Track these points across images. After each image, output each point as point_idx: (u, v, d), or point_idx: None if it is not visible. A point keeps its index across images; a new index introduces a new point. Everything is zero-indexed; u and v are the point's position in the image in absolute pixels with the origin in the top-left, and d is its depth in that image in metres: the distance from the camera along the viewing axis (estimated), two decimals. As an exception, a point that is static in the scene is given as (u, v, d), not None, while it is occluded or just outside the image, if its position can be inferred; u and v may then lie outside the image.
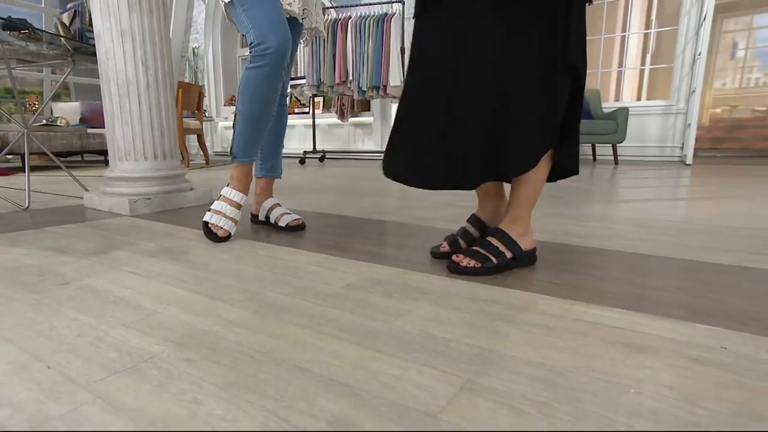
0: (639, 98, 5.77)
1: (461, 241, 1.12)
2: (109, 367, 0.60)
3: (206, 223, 1.27)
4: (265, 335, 0.70)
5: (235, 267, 1.05)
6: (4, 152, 2.32)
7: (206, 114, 6.46)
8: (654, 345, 0.66)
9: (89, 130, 4.40)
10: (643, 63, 5.82)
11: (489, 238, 1.03)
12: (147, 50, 1.74)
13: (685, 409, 0.50)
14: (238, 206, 1.32)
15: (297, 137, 6.13)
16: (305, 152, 4.69)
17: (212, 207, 1.30)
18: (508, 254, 1.01)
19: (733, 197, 2.17)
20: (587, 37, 1.01)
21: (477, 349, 0.65)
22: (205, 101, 6.70)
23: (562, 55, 0.94)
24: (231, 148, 1.33)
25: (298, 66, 6.87)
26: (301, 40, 1.52)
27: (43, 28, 1.94)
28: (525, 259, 1.05)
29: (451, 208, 1.89)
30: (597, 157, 5.10)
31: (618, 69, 5.90)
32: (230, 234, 1.30)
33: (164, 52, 1.80)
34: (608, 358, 0.62)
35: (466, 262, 0.99)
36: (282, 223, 1.43)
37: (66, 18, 1.93)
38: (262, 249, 1.22)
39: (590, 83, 5.46)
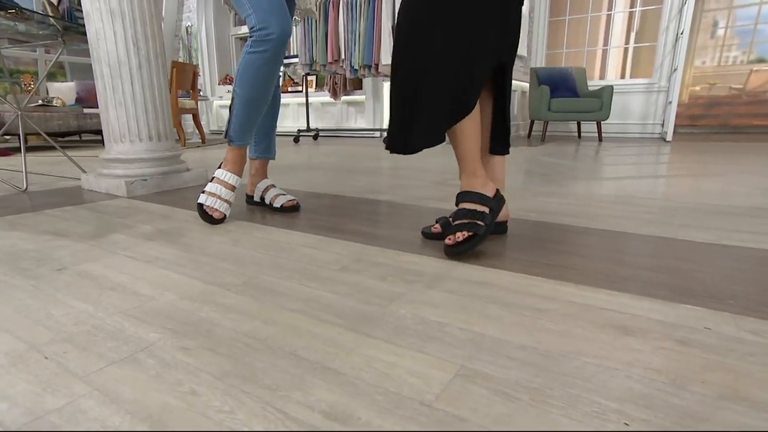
0: (623, 76, 5.70)
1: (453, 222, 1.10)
2: (106, 356, 0.58)
3: (201, 206, 1.24)
4: (261, 321, 0.68)
5: (231, 250, 1.02)
6: (0, 132, 2.24)
7: (201, 93, 6.30)
8: (642, 327, 0.65)
9: (85, 110, 4.27)
10: (627, 41, 5.73)
11: (460, 206, 1.00)
12: (138, 30, 1.66)
13: (672, 393, 0.49)
14: (233, 188, 1.28)
15: (291, 116, 6.01)
16: (299, 131, 4.60)
17: (206, 189, 1.26)
18: (485, 209, 0.99)
19: (711, 174, 2.16)
20: (574, 16, 1.01)
21: (470, 334, 0.63)
22: (200, 80, 6.52)
23: (496, 55, 0.99)
24: (227, 130, 1.28)
25: (291, 44, 6.68)
26: (294, 19, 1.45)
27: (33, 8, 1.83)
28: (499, 205, 1.04)
29: (443, 187, 1.86)
30: (582, 134, 5.07)
31: (603, 47, 5.82)
32: (225, 216, 1.27)
33: (155, 31, 1.72)
34: (598, 342, 0.61)
35: (458, 237, 0.95)
36: (277, 204, 1.40)
37: (54, -4, 1.82)
38: (258, 231, 1.19)
39: (576, 61, 5.38)
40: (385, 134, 3.14)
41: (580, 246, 1.04)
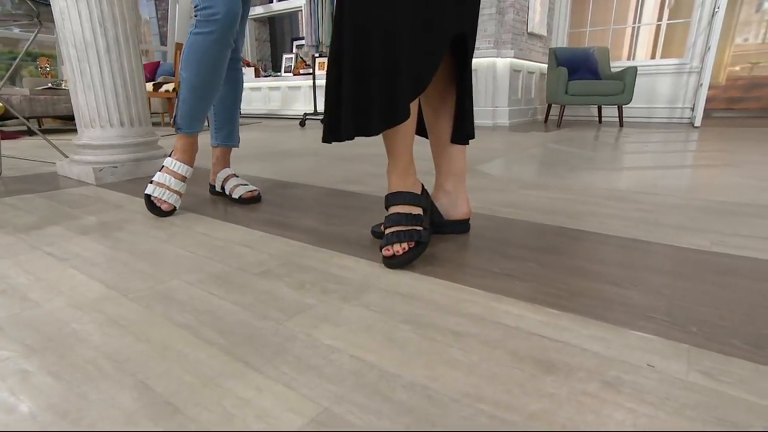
0: (653, 56, 5.34)
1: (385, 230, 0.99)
2: (-64, 378, 0.51)
3: (148, 197, 1.17)
4: (134, 337, 0.60)
5: (159, 248, 0.95)
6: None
7: None
8: (570, 362, 0.54)
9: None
10: (660, 18, 5.35)
11: (391, 210, 0.89)
12: (104, 9, 1.59)
13: (569, 462, 0.39)
14: (183, 179, 1.21)
15: (302, 99, 5.92)
16: (305, 114, 4.51)
17: (155, 179, 1.19)
18: (420, 211, 0.88)
19: (731, 165, 1.96)
20: None
21: (359, 364, 0.54)
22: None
23: (455, 22, 0.86)
24: (174, 117, 1.20)
25: (299, 25, 6.55)
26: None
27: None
28: (428, 200, 0.93)
29: (427, 177, 1.74)
30: (603, 119, 4.80)
31: (633, 25, 5.45)
32: (175, 208, 1.20)
33: (124, 12, 1.64)
34: (507, 382, 0.50)
35: (396, 249, 0.84)
36: (235, 195, 1.32)
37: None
38: (201, 225, 1.11)
39: (601, 41, 5.06)
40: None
41: (544, 251, 0.92)
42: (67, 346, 0.58)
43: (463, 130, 0.98)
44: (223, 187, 1.37)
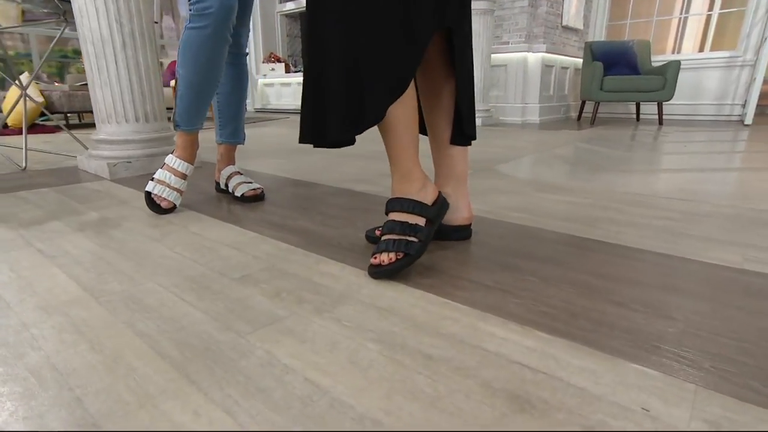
0: (701, 49, 5.00)
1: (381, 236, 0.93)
2: None
3: (149, 194, 1.16)
4: (89, 346, 0.57)
5: (148, 247, 0.94)
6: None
7: None
8: (549, 399, 0.47)
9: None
10: (711, 7, 5.00)
11: (389, 216, 0.83)
12: (120, 6, 1.60)
13: None
14: (183, 176, 1.19)
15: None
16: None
17: (155, 176, 1.18)
18: (421, 221, 0.82)
19: (780, 168, 1.78)
20: None
21: (312, 389, 0.49)
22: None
23: (437, 16, 0.78)
24: (173, 114, 1.19)
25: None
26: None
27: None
28: (439, 214, 0.86)
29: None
30: (641, 117, 4.55)
31: (680, 16, 5.12)
32: (175, 205, 1.18)
33: (140, 8, 1.65)
34: (470, 420, 0.44)
35: (382, 258, 0.79)
36: (238, 193, 1.30)
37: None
38: (196, 225, 1.09)
39: (643, 33, 4.79)
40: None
41: (548, 262, 0.84)
42: (17, 353, 0.56)
43: (462, 131, 0.91)
44: (227, 185, 1.35)
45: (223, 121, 1.35)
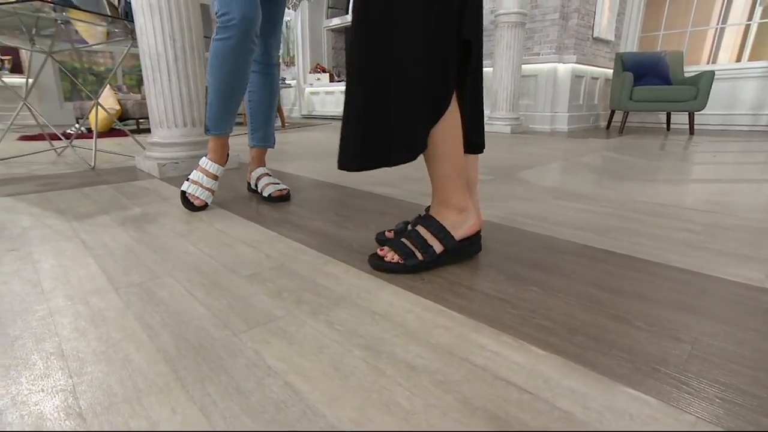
0: (739, 59, 4.60)
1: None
2: None
3: (183, 193, 1.17)
4: (97, 335, 0.56)
5: (174, 242, 0.94)
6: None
7: (285, 81, 6.56)
8: (530, 424, 0.41)
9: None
10: (750, 17, 4.58)
11: (417, 227, 0.79)
12: (174, 24, 1.64)
13: None
14: (215, 177, 1.20)
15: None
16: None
17: (190, 177, 1.19)
18: (438, 247, 0.77)
19: (818, 181, 1.58)
20: None
21: (289, 393, 0.45)
22: (293, 69, 6.73)
23: (456, 29, 0.70)
24: (204, 120, 1.19)
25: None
26: (289, 6, 1.30)
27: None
28: (461, 253, 0.79)
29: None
30: (673, 126, 4.24)
31: (716, 26, 4.73)
32: (206, 204, 1.19)
33: (191, 24, 1.69)
34: (441, 439, 0.39)
35: (389, 256, 0.77)
36: (265, 193, 1.29)
37: (116, -3, 1.89)
38: (222, 222, 1.09)
39: (676, 44, 4.46)
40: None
41: (554, 272, 0.77)
42: (37, 339, 0.56)
43: (468, 141, 0.85)
44: (256, 185, 1.34)
45: (254, 126, 1.35)
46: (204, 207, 1.18)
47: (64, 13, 1.78)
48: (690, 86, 3.45)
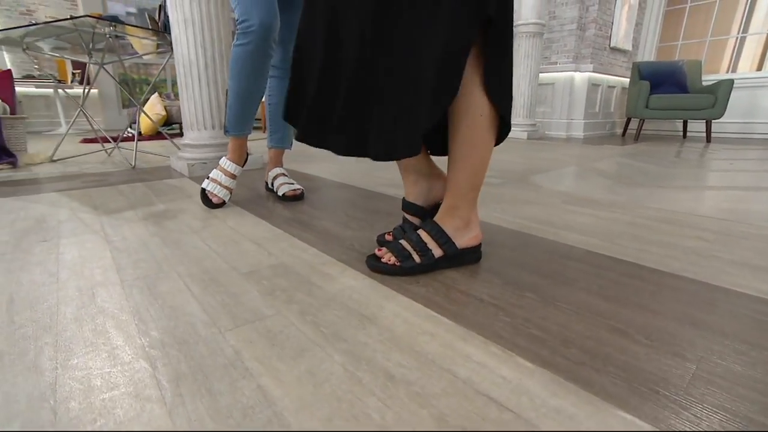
0: (760, 68, 4.27)
1: (404, 232, 0.83)
2: None
3: (203, 190, 1.16)
4: (93, 325, 0.54)
5: (186, 238, 0.91)
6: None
7: None
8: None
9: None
10: (773, 27, 4.24)
11: (419, 230, 0.73)
12: (205, 35, 1.64)
13: None
14: (233, 176, 1.17)
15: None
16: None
17: (210, 175, 1.17)
18: (437, 252, 0.71)
19: (844, 191, 1.42)
20: (698, 3, 0.61)
21: (259, 398, 0.41)
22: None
23: (479, 5, 0.58)
24: (224, 121, 1.17)
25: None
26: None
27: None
28: (459, 259, 0.73)
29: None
30: (690, 135, 3.99)
31: (736, 36, 4.41)
32: (224, 201, 1.17)
33: (221, 35, 1.68)
34: (407, 460, 0.34)
35: (386, 258, 0.71)
36: (280, 193, 1.26)
37: (156, 14, 1.92)
38: (235, 219, 1.06)
39: (695, 54, 4.19)
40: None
41: (553, 278, 0.70)
42: (38, 326, 0.54)
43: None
44: (272, 184, 1.32)
45: (273, 128, 1.32)
46: (221, 204, 1.17)
47: (111, 28, 1.81)
48: (708, 94, 3.23)
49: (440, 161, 0.82)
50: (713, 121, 3.59)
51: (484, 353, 0.49)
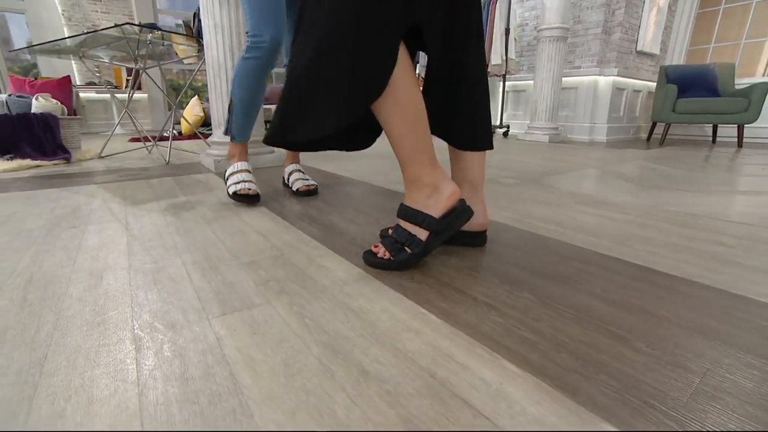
0: (801, 71, 3.91)
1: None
2: (-65, 318, 0.51)
3: (235, 193, 1.12)
4: (92, 308, 0.54)
5: (198, 228, 0.91)
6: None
7: None
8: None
9: (264, 106, 4.76)
10: (816, 29, 3.88)
11: (398, 221, 0.69)
12: (234, 39, 1.66)
13: None
14: (248, 171, 1.17)
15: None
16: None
17: (229, 182, 1.14)
18: (421, 233, 0.67)
19: None
20: (732, 5, 0.60)
21: (228, 387, 0.39)
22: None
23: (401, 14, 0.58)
24: (228, 128, 1.19)
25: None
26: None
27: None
28: (449, 228, 0.68)
29: (495, 186, 1.47)
30: (717, 139, 3.71)
31: (775, 38, 4.06)
32: (258, 192, 1.13)
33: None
34: (364, 463, 0.30)
35: (381, 252, 0.68)
36: (294, 188, 1.25)
37: (191, 21, 1.96)
38: (249, 213, 1.06)
39: (729, 57, 3.89)
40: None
41: (554, 279, 0.64)
42: (45, 306, 0.54)
43: (475, 140, 0.74)
44: (288, 180, 1.31)
45: (289, 128, 1.31)
46: (257, 195, 1.13)
47: (150, 35, 1.87)
48: (741, 98, 2.99)
49: (441, 161, 0.78)
50: (746, 125, 3.33)
51: (468, 354, 0.44)
